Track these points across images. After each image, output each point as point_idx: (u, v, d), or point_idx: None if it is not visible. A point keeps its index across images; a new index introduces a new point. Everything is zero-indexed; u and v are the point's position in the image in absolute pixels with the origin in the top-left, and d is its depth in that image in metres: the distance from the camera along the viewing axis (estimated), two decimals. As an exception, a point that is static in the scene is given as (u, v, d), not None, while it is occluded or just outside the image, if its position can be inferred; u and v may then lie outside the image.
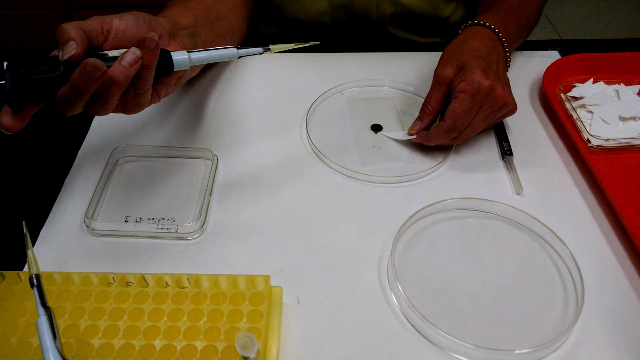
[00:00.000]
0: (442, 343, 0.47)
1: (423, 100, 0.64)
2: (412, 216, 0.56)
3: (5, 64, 0.42)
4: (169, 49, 0.49)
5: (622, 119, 0.68)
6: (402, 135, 0.66)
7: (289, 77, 0.77)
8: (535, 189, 0.61)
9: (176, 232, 0.55)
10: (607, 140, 0.65)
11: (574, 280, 0.52)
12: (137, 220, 0.57)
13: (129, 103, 0.48)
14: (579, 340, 0.48)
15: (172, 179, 0.62)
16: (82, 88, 0.43)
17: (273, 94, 0.74)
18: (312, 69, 0.78)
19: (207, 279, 0.47)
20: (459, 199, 0.59)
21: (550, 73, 0.73)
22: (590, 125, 0.67)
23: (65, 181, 0.61)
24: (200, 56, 0.50)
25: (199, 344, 0.44)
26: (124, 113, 0.49)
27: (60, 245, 0.55)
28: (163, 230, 0.55)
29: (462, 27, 0.69)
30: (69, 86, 0.43)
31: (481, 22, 0.67)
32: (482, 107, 0.60)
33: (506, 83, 0.62)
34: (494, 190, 0.61)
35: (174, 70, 0.49)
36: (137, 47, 0.46)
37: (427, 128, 0.64)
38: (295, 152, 0.65)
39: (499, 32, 0.66)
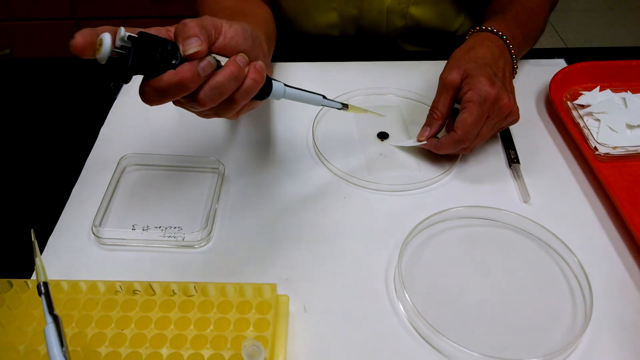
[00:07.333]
0: (450, 352, 0.47)
1: (429, 107, 0.64)
2: (419, 224, 0.56)
3: (127, 34, 0.38)
4: None
5: (630, 126, 0.68)
6: (412, 142, 0.66)
7: (296, 86, 0.77)
8: (543, 197, 0.61)
9: (183, 240, 0.55)
10: (615, 148, 0.64)
11: (582, 288, 0.52)
12: (144, 228, 0.57)
13: (219, 110, 0.47)
14: (588, 349, 0.48)
15: (179, 188, 0.62)
16: (189, 83, 0.41)
17: (280, 103, 0.74)
18: (318, 78, 0.78)
19: (213, 287, 0.47)
20: (465, 207, 0.58)
21: (557, 81, 0.73)
22: (597, 133, 0.67)
23: (74, 189, 0.62)
24: (292, 93, 0.51)
25: (206, 352, 0.43)
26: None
27: (68, 253, 0.55)
28: (170, 239, 0.55)
29: (470, 33, 0.69)
30: (177, 79, 0.40)
31: (489, 28, 0.67)
32: (489, 116, 0.60)
33: (511, 92, 0.62)
34: (500, 198, 0.61)
35: (269, 98, 0.49)
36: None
37: (436, 134, 0.64)
38: (302, 161, 0.66)
39: (506, 39, 0.66)
